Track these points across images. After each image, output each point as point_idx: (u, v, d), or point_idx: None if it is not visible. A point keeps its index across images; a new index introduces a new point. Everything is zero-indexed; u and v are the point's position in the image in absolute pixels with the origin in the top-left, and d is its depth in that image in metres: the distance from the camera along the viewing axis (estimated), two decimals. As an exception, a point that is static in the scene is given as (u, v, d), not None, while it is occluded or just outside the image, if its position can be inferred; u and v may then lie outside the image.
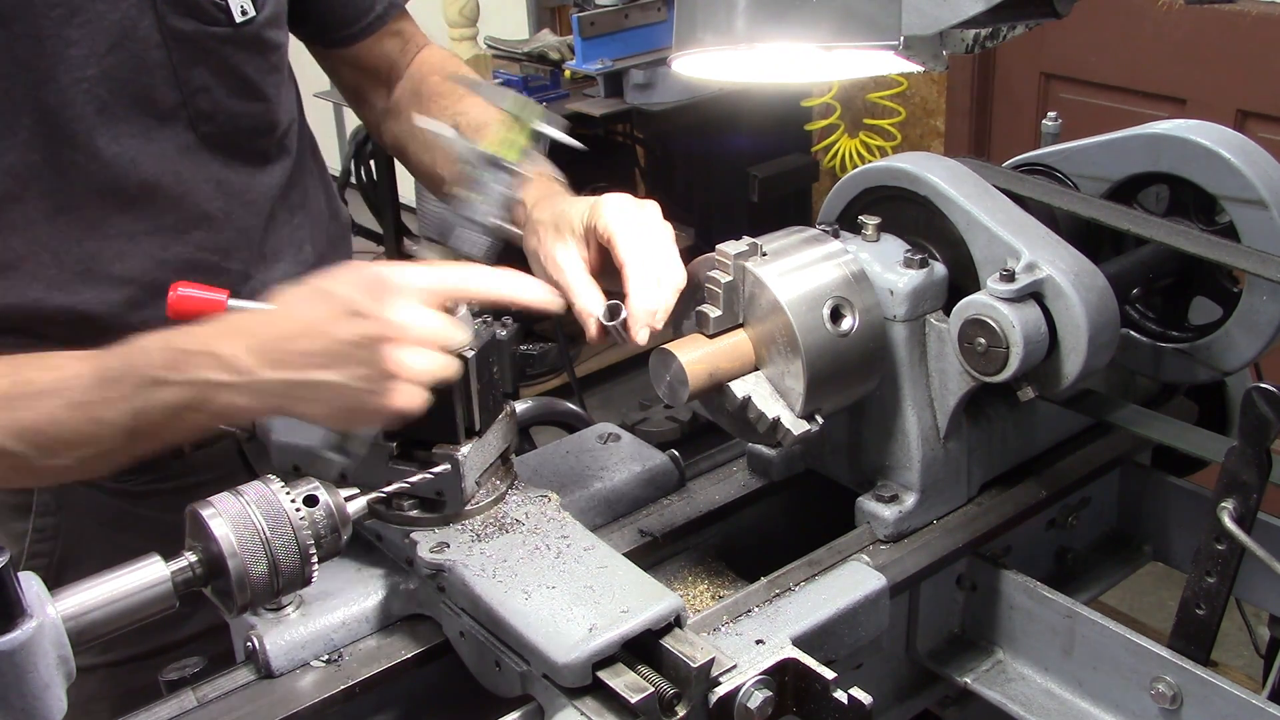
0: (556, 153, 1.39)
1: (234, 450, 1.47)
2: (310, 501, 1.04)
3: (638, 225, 1.22)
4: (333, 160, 2.57)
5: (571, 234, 1.27)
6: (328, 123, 5.82)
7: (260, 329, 1.10)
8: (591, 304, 1.20)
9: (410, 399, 1.06)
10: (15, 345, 1.24)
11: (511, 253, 1.29)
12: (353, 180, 4.70)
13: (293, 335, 1.08)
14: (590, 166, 5.09)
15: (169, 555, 1.01)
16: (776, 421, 1.18)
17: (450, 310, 1.13)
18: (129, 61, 1.35)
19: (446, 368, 1.08)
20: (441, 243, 1.25)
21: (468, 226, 1.24)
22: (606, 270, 1.25)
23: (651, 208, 1.25)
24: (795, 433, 1.18)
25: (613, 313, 1.18)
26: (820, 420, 1.20)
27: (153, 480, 1.53)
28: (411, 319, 1.06)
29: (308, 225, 1.63)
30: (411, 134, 1.63)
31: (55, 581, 1.39)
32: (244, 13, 1.43)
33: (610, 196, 1.26)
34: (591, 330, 1.20)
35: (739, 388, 1.19)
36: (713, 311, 1.19)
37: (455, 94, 1.60)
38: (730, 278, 1.19)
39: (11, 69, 1.28)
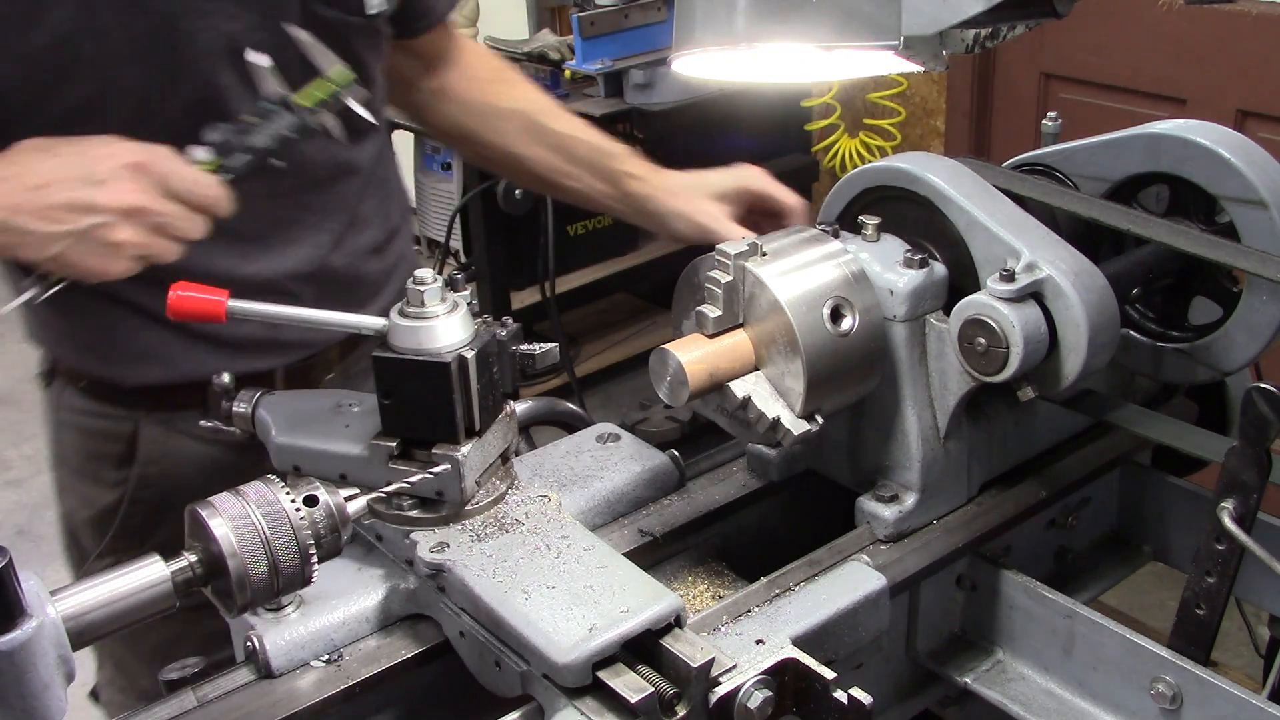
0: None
1: None
2: (310, 501, 1.04)
3: (775, 184, 1.71)
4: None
5: (712, 196, 1.70)
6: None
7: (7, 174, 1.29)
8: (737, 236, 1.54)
9: (117, 267, 1.28)
10: None
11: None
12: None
13: (33, 186, 1.27)
14: (590, 166, 5.03)
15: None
16: (776, 421, 1.18)
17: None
18: (269, 41, 1.46)
19: (160, 248, 1.30)
20: (217, 155, 1.37)
21: (241, 147, 1.38)
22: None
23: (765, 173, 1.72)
24: (795, 433, 1.18)
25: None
26: (820, 420, 1.20)
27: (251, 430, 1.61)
28: (140, 200, 1.27)
29: (390, 197, 1.80)
30: (468, 112, 1.87)
31: (153, 527, 1.62)
32: (375, 6, 1.58)
33: (746, 167, 1.74)
34: None
35: (739, 388, 1.19)
36: (713, 311, 1.19)
37: (508, 80, 1.89)
38: (730, 278, 1.19)
39: (170, 36, 1.42)
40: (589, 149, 1.82)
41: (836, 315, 1.19)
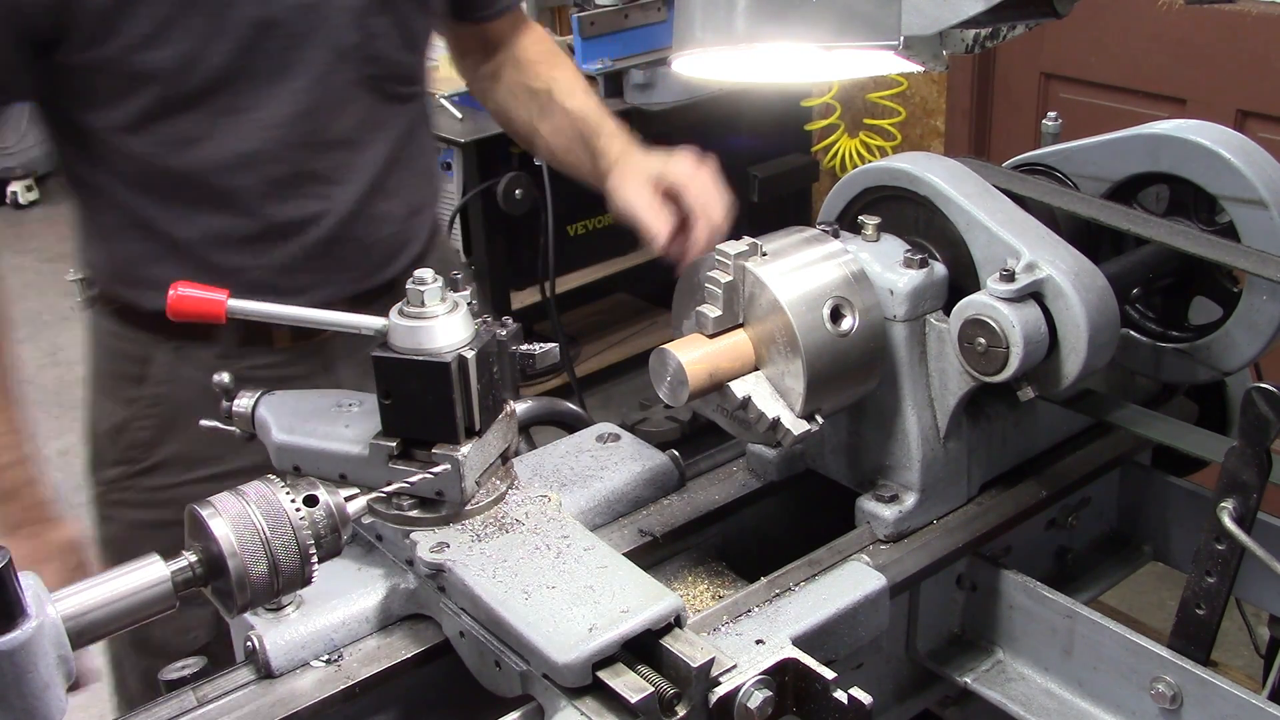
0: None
1: (324, 350, 1.77)
2: (310, 501, 1.04)
3: (699, 179, 1.68)
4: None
5: (645, 179, 1.70)
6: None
7: None
8: (659, 225, 1.63)
9: None
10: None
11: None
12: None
13: None
14: (590, 166, 5.01)
15: (248, 459, 1.06)
16: (776, 421, 1.18)
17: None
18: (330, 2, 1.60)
19: None
20: None
21: None
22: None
23: (709, 166, 1.69)
24: (795, 433, 1.18)
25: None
26: (820, 420, 1.20)
27: (249, 368, 1.72)
28: None
29: (420, 174, 1.88)
30: (511, 94, 1.99)
31: (158, 443, 1.77)
32: None
33: (680, 155, 1.72)
34: (661, 241, 1.62)
35: (739, 388, 1.19)
36: (712, 311, 1.19)
37: (548, 62, 1.98)
38: (730, 278, 1.19)
39: None
40: (585, 127, 1.91)
41: (836, 315, 1.19)
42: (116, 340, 1.80)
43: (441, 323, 1.14)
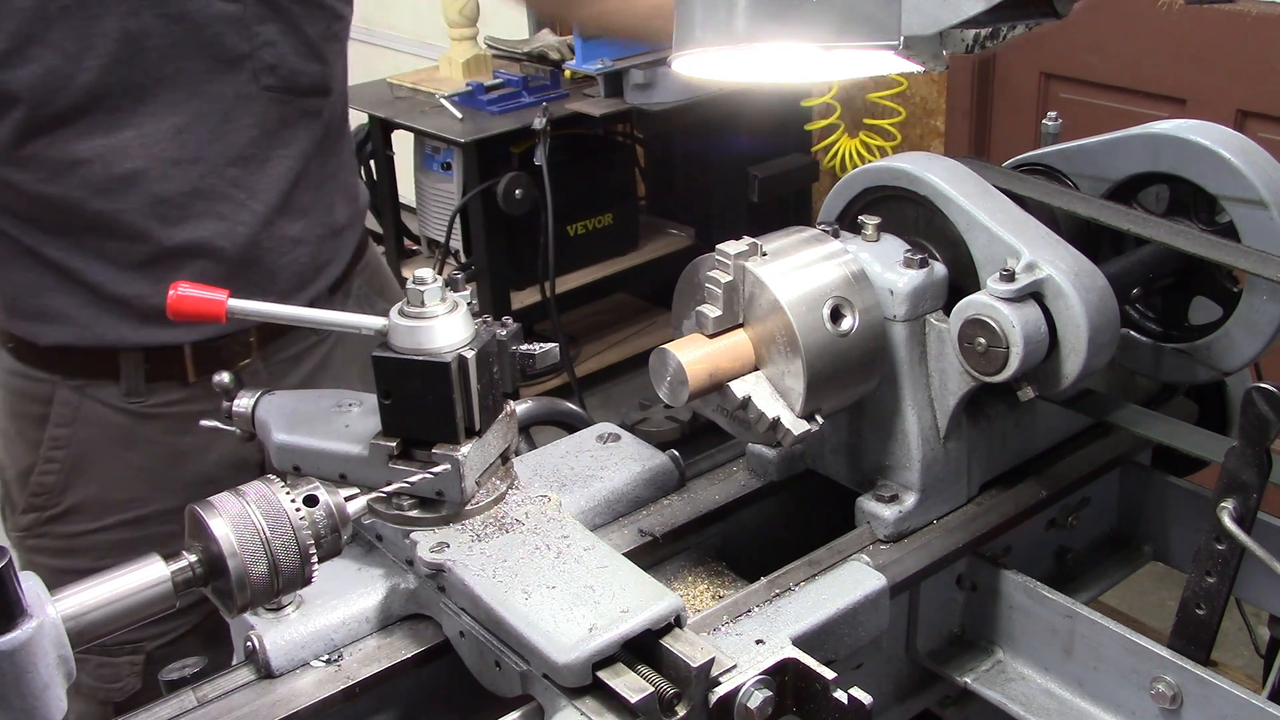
0: (559, 148, 1.56)
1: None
2: (310, 501, 1.04)
3: None
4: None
5: None
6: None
7: None
8: None
9: None
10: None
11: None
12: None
13: None
14: (590, 166, 5.11)
15: (166, 502, 1.03)
16: (776, 421, 1.18)
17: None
18: (204, 9, 1.52)
19: None
20: None
21: None
22: None
23: None
24: (795, 433, 1.18)
25: None
26: (820, 420, 1.20)
27: (160, 404, 1.67)
28: None
29: (336, 193, 1.78)
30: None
31: (66, 485, 1.67)
32: None
33: None
34: None
35: (739, 388, 1.19)
36: (712, 311, 1.19)
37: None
38: (730, 278, 1.19)
39: None
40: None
41: (836, 315, 1.19)
42: (16, 379, 1.71)
43: (441, 323, 1.14)
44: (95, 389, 1.67)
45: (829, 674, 1.02)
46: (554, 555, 1.12)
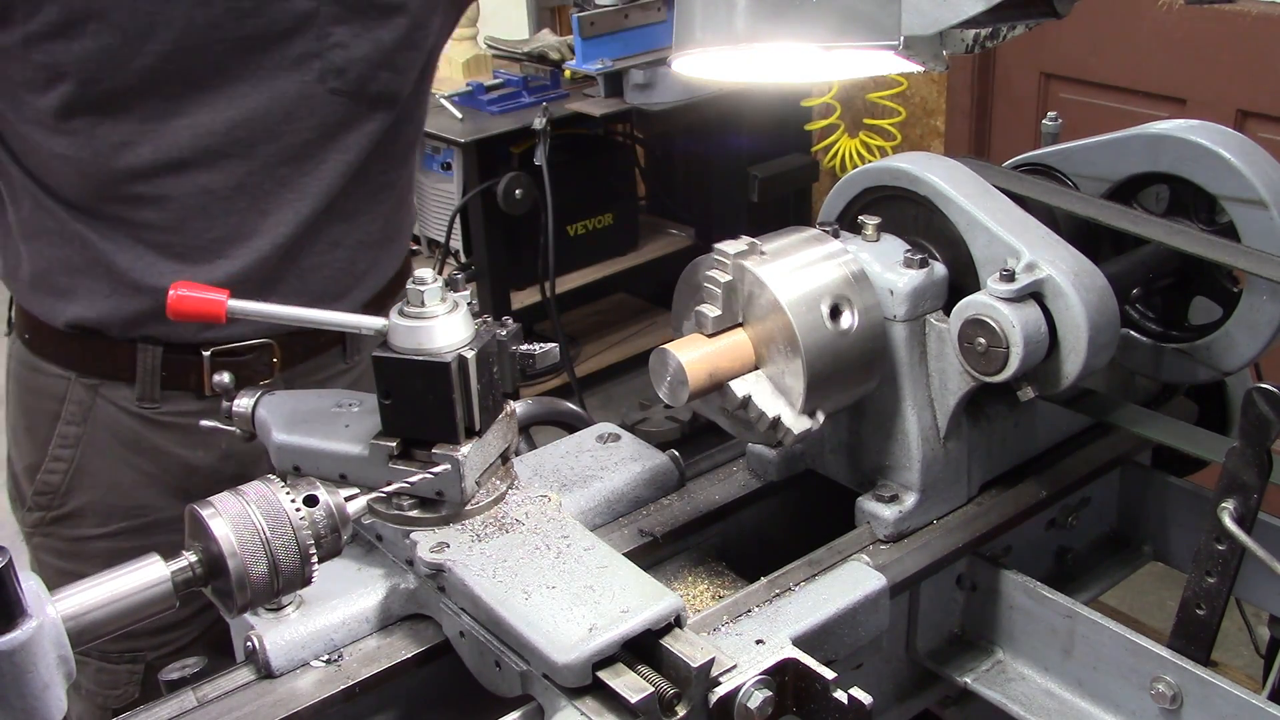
0: (559, 148, 1.54)
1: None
2: (310, 501, 1.04)
3: None
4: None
5: None
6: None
7: None
8: None
9: None
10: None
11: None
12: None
13: None
14: (590, 166, 5.11)
15: (174, 512, 1.03)
16: (776, 421, 1.18)
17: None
18: (279, 5, 1.49)
19: None
20: None
21: None
22: None
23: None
24: (795, 432, 1.18)
25: None
26: (820, 419, 1.20)
27: (173, 413, 1.65)
28: None
29: (390, 203, 1.74)
30: None
31: (72, 486, 1.65)
32: None
33: None
34: None
35: (739, 387, 1.19)
36: (712, 311, 1.19)
37: None
38: (729, 277, 1.19)
39: None
40: None
41: (836, 313, 1.19)
42: (31, 373, 1.70)
43: (441, 323, 1.14)
44: (109, 389, 1.65)
45: (829, 674, 1.02)
46: (554, 555, 1.12)
